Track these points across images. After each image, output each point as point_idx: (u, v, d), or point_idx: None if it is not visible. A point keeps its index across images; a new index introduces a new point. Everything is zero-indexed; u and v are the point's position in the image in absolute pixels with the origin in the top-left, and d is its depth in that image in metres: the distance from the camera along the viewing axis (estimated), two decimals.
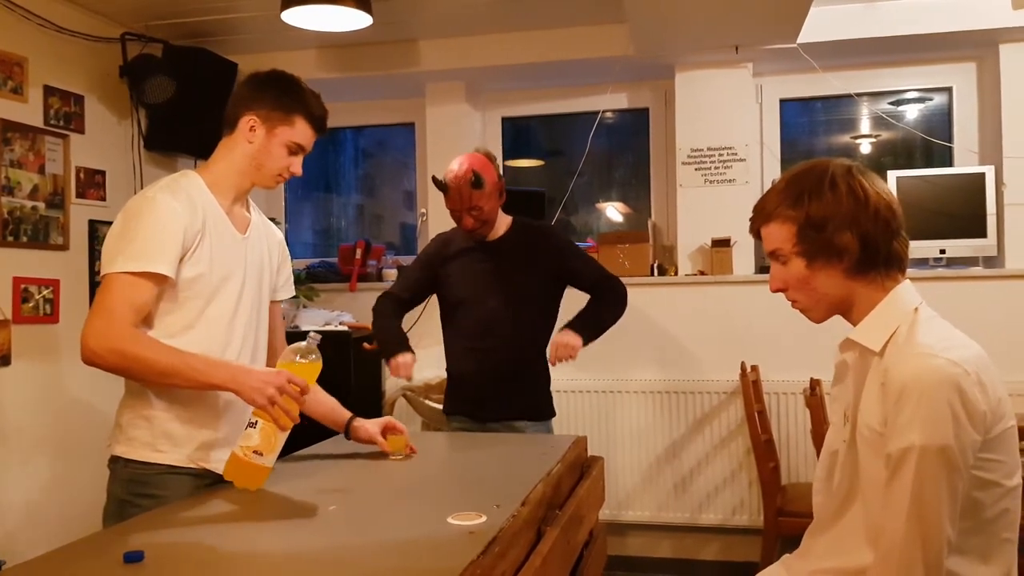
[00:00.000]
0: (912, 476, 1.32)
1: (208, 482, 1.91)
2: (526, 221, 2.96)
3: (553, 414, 2.96)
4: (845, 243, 1.45)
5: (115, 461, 1.92)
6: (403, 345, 2.82)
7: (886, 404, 1.38)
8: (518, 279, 2.80)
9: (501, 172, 2.89)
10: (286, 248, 2.27)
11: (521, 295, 2.80)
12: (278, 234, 2.24)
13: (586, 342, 2.76)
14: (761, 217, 1.55)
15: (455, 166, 2.78)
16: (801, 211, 1.47)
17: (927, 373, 1.33)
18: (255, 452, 1.76)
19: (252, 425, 1.78)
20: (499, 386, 2.82)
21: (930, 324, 1.44)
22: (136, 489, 1.88)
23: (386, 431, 2.21)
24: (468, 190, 2.73)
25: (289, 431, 1.81)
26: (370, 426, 2.22)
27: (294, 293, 2.32)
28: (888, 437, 1.36)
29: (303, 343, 1.90)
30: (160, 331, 1.87)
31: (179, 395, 1.89)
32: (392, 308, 2.94)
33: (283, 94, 1.98)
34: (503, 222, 2.90)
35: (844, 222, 1.44)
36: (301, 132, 2.00)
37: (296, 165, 2.03)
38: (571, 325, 2.79)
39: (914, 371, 1.35)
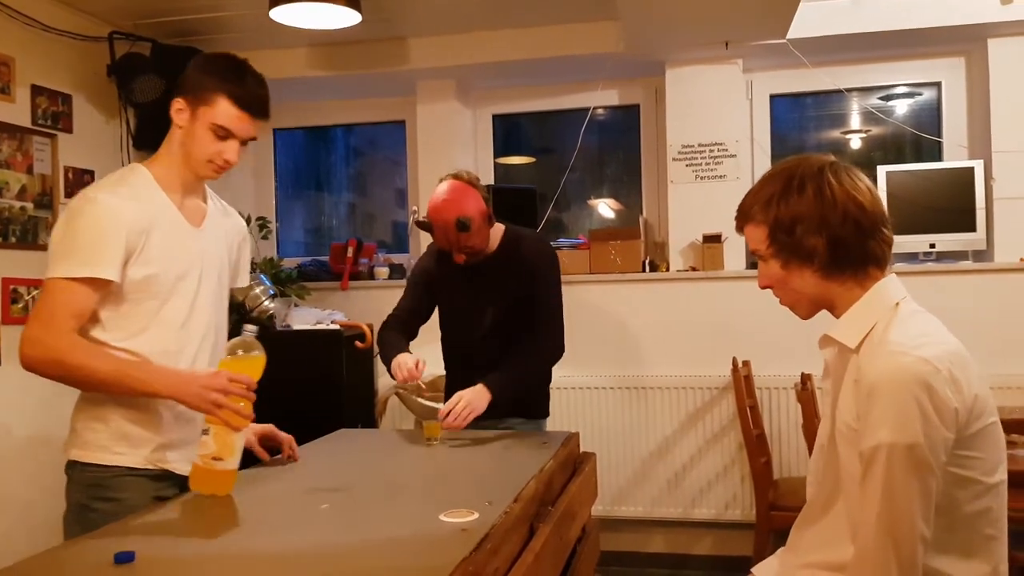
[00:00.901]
0: (882, 474, 1.32)
1: (168, 484, 1.88)
2: (518, 234, 2.82)
3: (547, 414, 2.93)
4: (813, 245, 1.45)
5: (72, 466, 1.88)
6: (399, 347, 2.71)
7: (859, 401, 1.38)
8: (509, 290, 2.71)
9: (486, 193, 2.70)
10: (247, 234, 2.20)
11: (513, 303, 2.72)
12: (239, 221, 2.18)
13: (496, 401, 2.52)
14: (741, 218, 1.57)
15: (437, 201, 2.61)
16: (771, 214, 1.48)
17: (897, 371, 1.33)
18: (214, 459, 1.73)
19: (205, 432, 1.75)
20: None
21: (908, 320, 1.43)
22: (95, 493, 1.84)
23: (264, 438, 2.12)
24: (455, 234, 2.58)
25: (245, 429, 1.78)
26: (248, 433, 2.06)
27: (248, 282, 2.23)
28: (861, 435, 1.37)
29: (239, 338, 1.83)
30: (114, 334, 1.82)
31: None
32: (394, 324, 2.86)
33: (206, 73, 1.88)
34: (495, 235, 2.77)
35: (812, 224, 1.44)
36: (223, 113, 1.86)
37: (229, 152, 1.90)
38: (488, 381, 2.53)
39: (884, 369, 1.35)
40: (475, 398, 2.48)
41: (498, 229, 2.80)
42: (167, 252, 1.86)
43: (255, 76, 1.93)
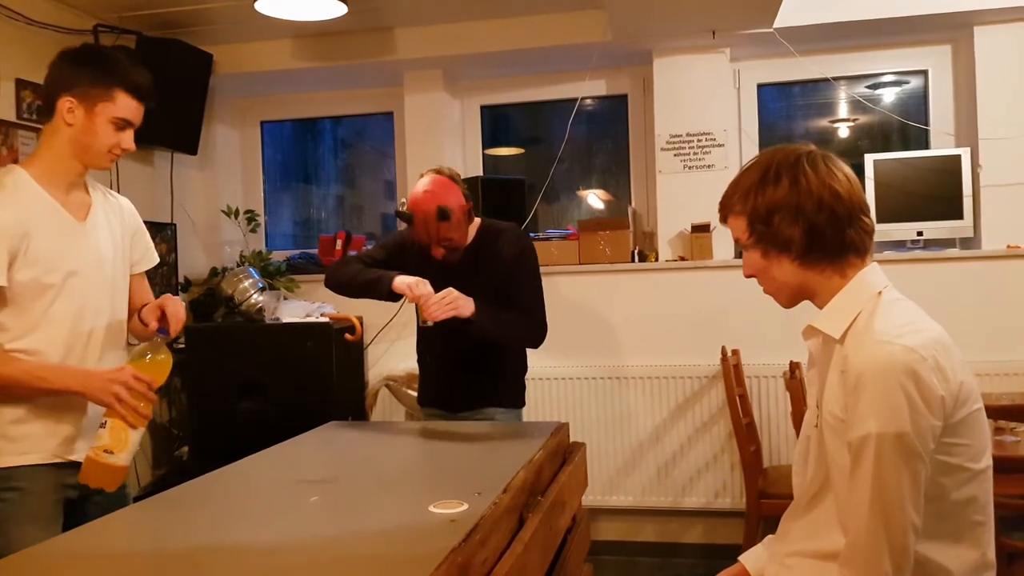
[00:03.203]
0: (872, 464, 1.33)
1: (72, 472, 1.92)
2: (494, 227, 2.81)
3: (523, 403, 2.92)
4: (790, 234, 1.46)
5: None
6: (382, 271, 2.69)
7: (846, 392, 1.39)
8: (476, 281, 2.68)
9: (466, 190, 2.71)
10: (137, 217, 2.22)
11: (481, 294, 2.65)
12: (126, 206, 2.19)
13: (475, 327, 2.57)
14: (723, 209, 1.58)
15: (419, 192, 2.63)
16: (749, 205, 1.50)
17: (882, 360, 1.34)
18: (106, 451, 1.79)
19: (102, 425, 1.81)
20: (467, 376, 2.79)
21: (891, 308, 1.44)
22: (2, 484, 1.90)
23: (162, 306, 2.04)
24: (435, 224, 2.58)
25: (142, 429, 1.85)
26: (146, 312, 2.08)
27: (157, 260, 2.27)
28: (848, 425, 1.37)
29: (148, 342, 1.92)
30: (4, 335, 1.88)
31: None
32: (364, 261, 2.86)
33: (98, 69, 1.95)
34: (471, 228, 2.77)
35: (788, 214, 1.45)
36: (124, 106, 1.97)
37: (127, 140, 2.00)
38: (478, 302, 2.58)
39: (869, 359, 1.35)
40: (461, 297, 2.53)
41: (474, 223, 2.80)
42: (53, 251, 1.91)
43: (135, 62, 2.03)
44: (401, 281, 2.62)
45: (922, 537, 1.36)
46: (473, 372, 2.78)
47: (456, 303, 2.52)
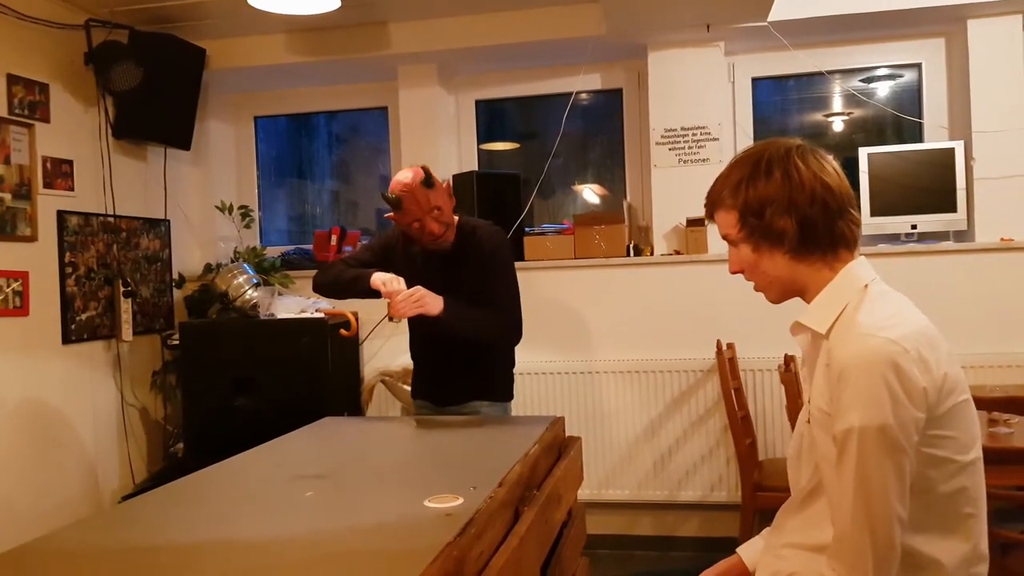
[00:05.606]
0: (855, 457, 1.33)
1: None
2: (471, 224, 2.84)
3: (511, 397, 2.93)
4: (783, 227, 1.46)
5: None
6: (367, 271, 2.72)
7: (831, 385, 1.39)
8: (461, 276, 2.73)
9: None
10: None
11: (461, 292, 2.69)
12: None
13: (442, 325, 2.59)
14: (711, 205, 1.58)
15: (398, 176, 2.68)
16: (740, 198, 1.50)
17: (864, 353, 1.34)
18: None
19: None
20: (455, 371, 2.81)
21: (877, 301, 1.44)
22: None
23: None
24: (423, 192, 2.62)
25: None
26: None
27: None
28: (833, 419, 1.38)
29: None
30: None
31: None
32: (349, 263, 2.89)
33: None
34: (452, 228, 2.80)
35: (781, 207, 1.45)
36: None
37: None
38: (447, 299, 2.60)
39: (852, 352, 1.36)
40: (429, 295, 2.55)
41: (453, 222, 2.81)
42: None
43: None
44: (377, 277, 2.65)
45: (912, 530, 1.36)
46: (458, 367, 2.80)
47: (423, 301, 2.54)
